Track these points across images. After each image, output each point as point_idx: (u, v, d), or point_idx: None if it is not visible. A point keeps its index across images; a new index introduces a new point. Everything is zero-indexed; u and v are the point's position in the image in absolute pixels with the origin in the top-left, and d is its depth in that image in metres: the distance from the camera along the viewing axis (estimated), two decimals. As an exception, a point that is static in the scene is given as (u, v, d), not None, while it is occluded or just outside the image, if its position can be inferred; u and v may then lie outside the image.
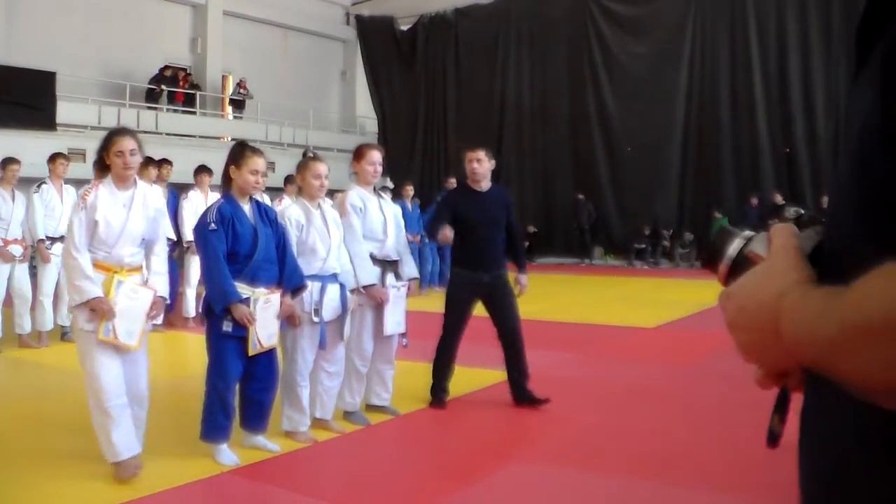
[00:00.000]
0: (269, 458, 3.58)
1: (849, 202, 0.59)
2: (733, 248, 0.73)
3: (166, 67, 16.33)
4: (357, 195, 4.29)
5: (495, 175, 4.73)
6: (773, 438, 0.72)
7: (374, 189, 4.42)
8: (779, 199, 13.88)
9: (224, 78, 18.10)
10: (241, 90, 17.54)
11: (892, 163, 0.52)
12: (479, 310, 4.65)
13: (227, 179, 3.70)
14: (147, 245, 3.57)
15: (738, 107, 15.85)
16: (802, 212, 0.72)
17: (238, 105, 17.64)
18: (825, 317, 0.53)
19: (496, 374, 5.49)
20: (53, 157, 6.81)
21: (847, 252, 0.57)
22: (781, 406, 0.71)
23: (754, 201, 14.47)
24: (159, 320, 7.33)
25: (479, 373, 5.53)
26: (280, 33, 19.49)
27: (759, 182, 15.32)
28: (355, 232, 4.18)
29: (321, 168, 3.97)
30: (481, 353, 6.28)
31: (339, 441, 3.95)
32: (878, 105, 0.54)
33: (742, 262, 0.71)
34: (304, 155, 4.07)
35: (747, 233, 0.74)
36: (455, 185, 12.14)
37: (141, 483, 3.30)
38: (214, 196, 8.08)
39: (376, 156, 4.32)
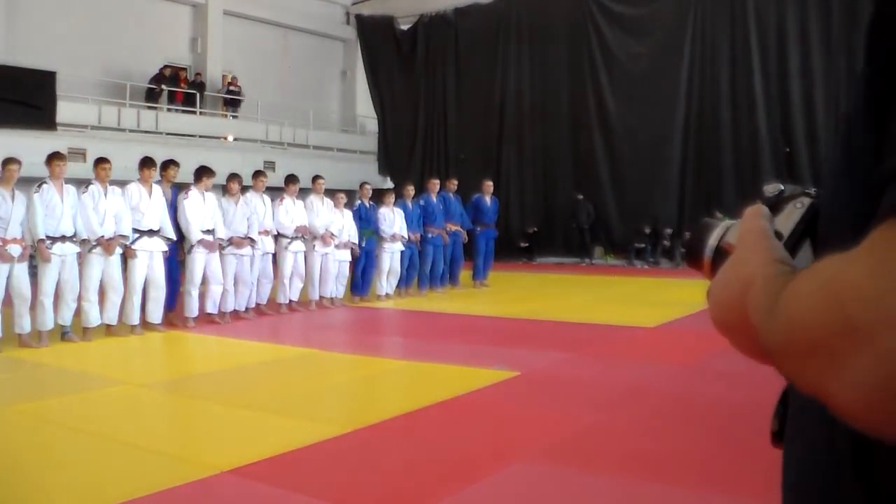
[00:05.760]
0: (268, 458, 3.58)
1: (837, 185, 0.54)
2: (713, 238, 0.68)
3: (166, 67, 16.33)
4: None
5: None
6: (774, 437, 0.65)
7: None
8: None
9: (224, 78, 18.11)
10: (232, 87, 17.48)
11: (873, 127, 0.46)
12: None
13: None
14: None
15: (738, 107, 15.82)
16: (782, 187, 0.66)
17: (233, 105, 17.59)
18: (768, 315, 0.47)
19: (496, 374, 5.50)
20: (50, 158, 6.82)
21: (838, 241, 0.49)
22: (782, 403, 0.65)
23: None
24: (159, 320, 7.40)
25: (479, 373, 5.53)
26: (280, 33, 19.48)
27: (760, 181, 15.19)
28: None
29: None
30: (481, 353, 6.30)
31: (339, 441, 3.96)
32: (863, 73, 0.47)
33: (721, 255, 0.65)
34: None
35: (728, 222, 0.69)
36: (456, 186, 12.22)
37: (140, 482, 3.30)
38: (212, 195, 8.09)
39: None
